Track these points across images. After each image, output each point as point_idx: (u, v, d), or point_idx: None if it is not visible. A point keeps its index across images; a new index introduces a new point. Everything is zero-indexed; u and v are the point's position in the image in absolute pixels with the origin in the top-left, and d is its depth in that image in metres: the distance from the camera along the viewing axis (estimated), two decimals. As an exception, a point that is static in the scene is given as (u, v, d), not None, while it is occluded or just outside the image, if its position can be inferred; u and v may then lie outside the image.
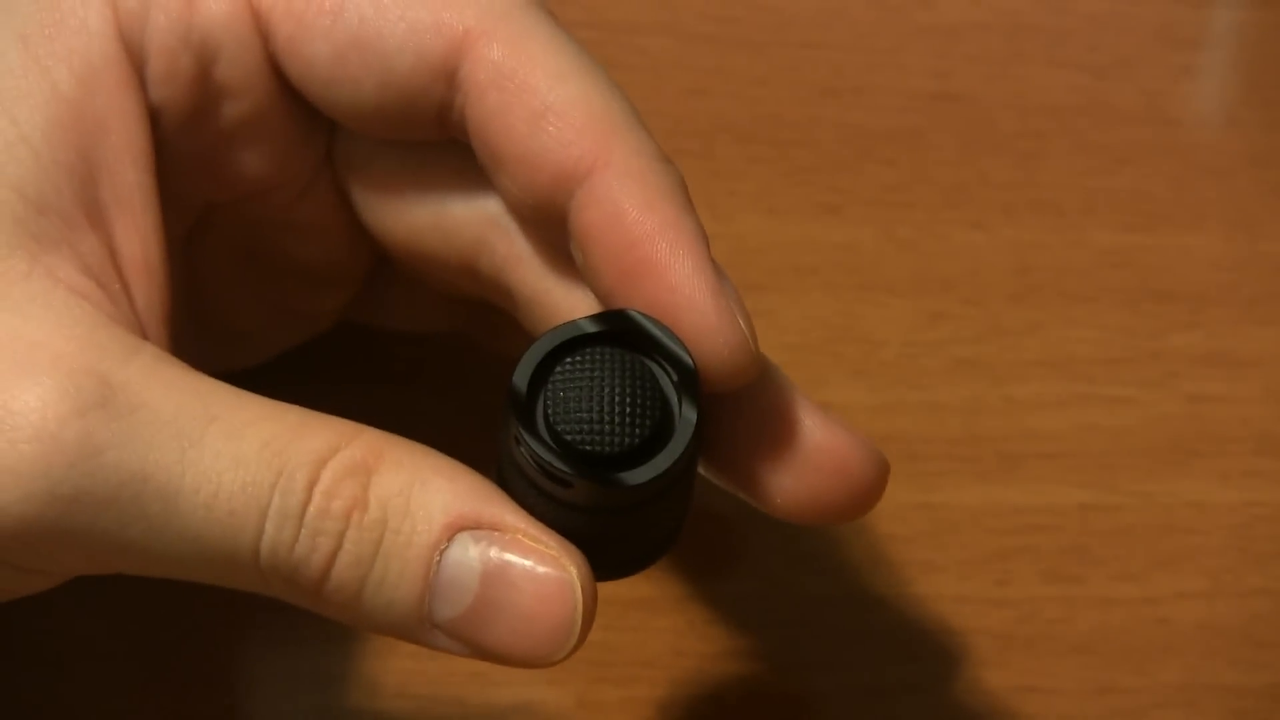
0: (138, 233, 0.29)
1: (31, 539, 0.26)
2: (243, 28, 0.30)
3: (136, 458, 0.26)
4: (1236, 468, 0.41)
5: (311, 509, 0.26)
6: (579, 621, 0.27)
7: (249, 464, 0.26)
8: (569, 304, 0.31)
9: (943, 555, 0.28)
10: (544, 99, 0.29)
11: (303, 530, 0.26)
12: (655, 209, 0.29)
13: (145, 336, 0.28)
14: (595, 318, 0.28)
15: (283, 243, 0.34)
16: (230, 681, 0.36)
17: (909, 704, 0.37)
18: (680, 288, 0.28)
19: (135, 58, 0.29)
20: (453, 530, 0.27)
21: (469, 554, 0.27)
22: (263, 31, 0.30)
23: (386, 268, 0.36)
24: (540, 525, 0.28)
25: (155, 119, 0.30)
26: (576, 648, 0.27)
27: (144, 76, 0.29)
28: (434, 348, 0.39)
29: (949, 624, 0.38)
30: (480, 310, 0.35)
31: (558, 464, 0.27)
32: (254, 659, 0.36)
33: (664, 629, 0.37)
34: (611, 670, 0.31)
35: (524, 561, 0.27)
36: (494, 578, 0.27)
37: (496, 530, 0.27)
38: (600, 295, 0.30)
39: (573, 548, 0.27)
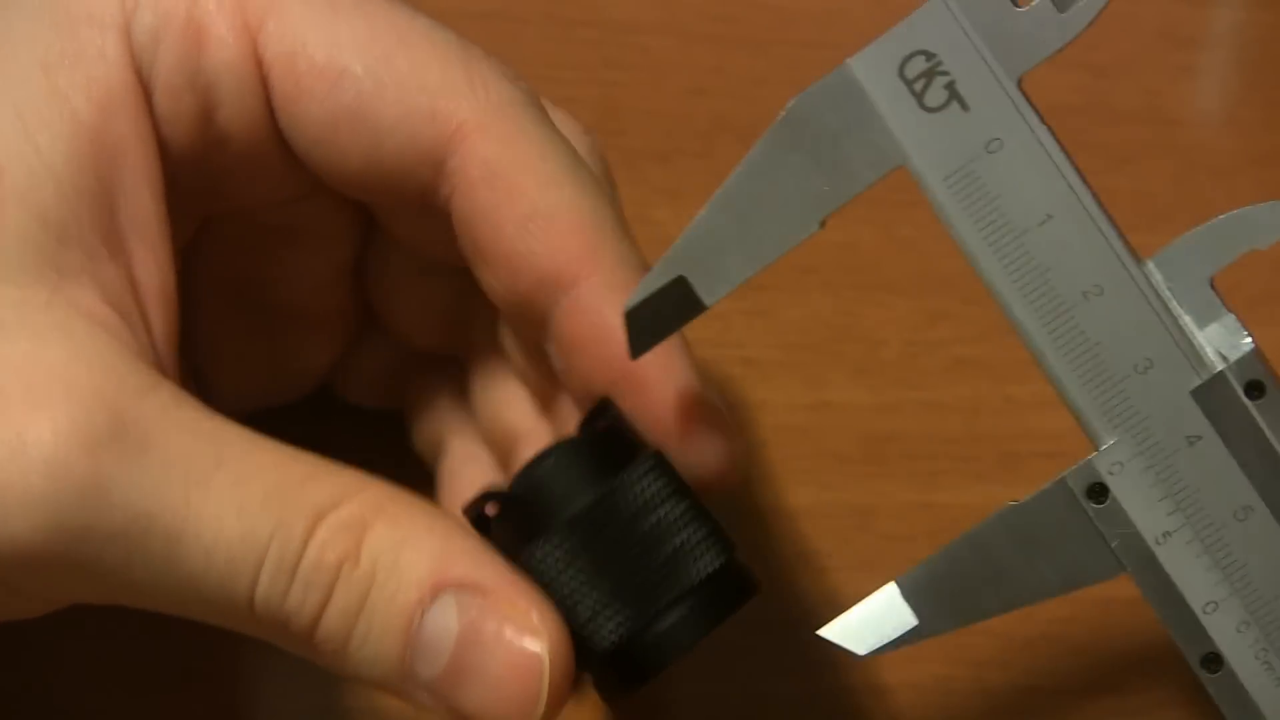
0: (154, 261, 0.29)
1: (36, 566, 0.26)
2: (247, 75, 0.30)
3: (144, 497, 0.26)
4: (1236, 467, 0.41)
5: (305, 561, 0.27)
6: (544, 693, 0.27)
7: (251, 513, 0.26)
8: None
9: (943, 555, 0.28)
10: (534, 203, 0.30)
11: (295, 582, 0.27)
12: None
13: (162, 366, 0.28)
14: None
15: (275, 251, 0.34)
16: (230, 681, 0.36)
17: (909, 703, 0.37)
18: (669, 404, 0.30)
19: (145, 89, 0.29)
20: (437, 590, 0.27)
21: (449, 616, 0.27)
22: (264, 80, 0.30)
23: (372, 335, 0.36)
24: (528, 592, 0.28)
25: (161, 150, 0.30)
26: (547, 718, 0.27)
27: (150, 110, 0.29)
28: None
29: (949, 624, 0.38)
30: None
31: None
32: (254, 659, 0.36)
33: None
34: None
35: (498, 628, 0.27)
36: (468, 642, 0.27)
37: (479, 594, 0.27)
38: (576, 394, 0.31)
39: (552, 616, 0.27)
